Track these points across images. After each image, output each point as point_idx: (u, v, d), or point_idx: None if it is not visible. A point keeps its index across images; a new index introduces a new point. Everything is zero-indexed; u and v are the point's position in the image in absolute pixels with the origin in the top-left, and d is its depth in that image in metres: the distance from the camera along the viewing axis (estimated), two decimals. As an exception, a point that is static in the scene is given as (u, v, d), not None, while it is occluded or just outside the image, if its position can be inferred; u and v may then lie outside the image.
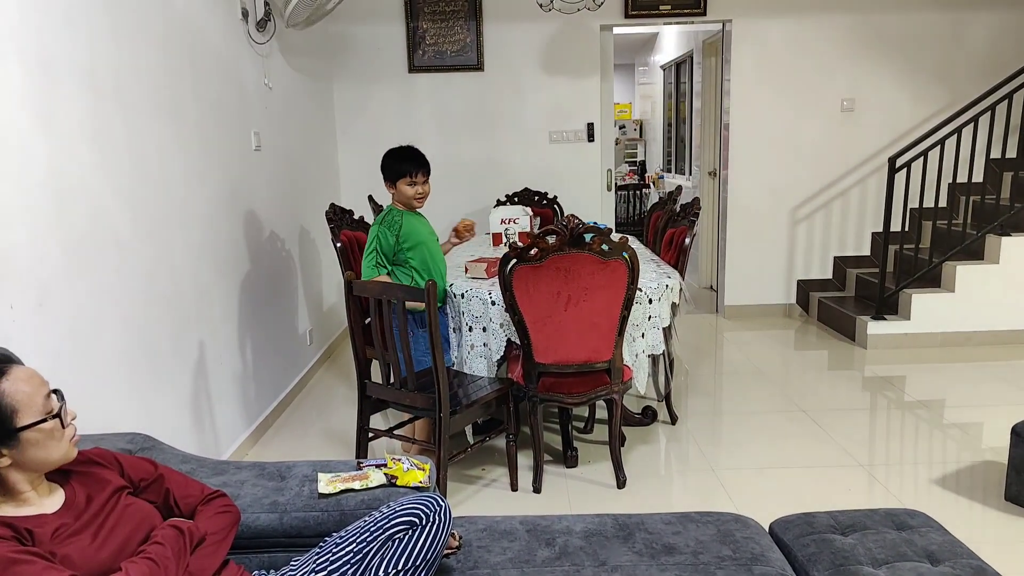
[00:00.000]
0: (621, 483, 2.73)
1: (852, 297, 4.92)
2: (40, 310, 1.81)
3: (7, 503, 1.11)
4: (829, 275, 5.23)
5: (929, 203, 4.57)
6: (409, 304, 2.46)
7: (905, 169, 4.28)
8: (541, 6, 3.96)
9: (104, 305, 2.10)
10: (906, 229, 4.71)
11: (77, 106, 2.00)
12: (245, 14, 3.30)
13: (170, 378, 2.48)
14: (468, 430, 3.21)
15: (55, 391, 1.18)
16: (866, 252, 5.17)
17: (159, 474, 1.34)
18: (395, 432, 2.78)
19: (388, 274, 2.78)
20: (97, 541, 1.13)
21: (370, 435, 2.72)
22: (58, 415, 1.14)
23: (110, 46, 2.18)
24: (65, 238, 1.92)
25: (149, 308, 2.36)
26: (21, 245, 1.75)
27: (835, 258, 5.20)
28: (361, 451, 2.71)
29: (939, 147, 4.24)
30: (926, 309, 4.31)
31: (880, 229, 4.48)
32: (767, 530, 1.65)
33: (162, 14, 2.53)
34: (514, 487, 2.72)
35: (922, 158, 4.23)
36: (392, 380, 2.59)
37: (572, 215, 2.63)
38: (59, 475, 1.20)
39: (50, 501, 1.16)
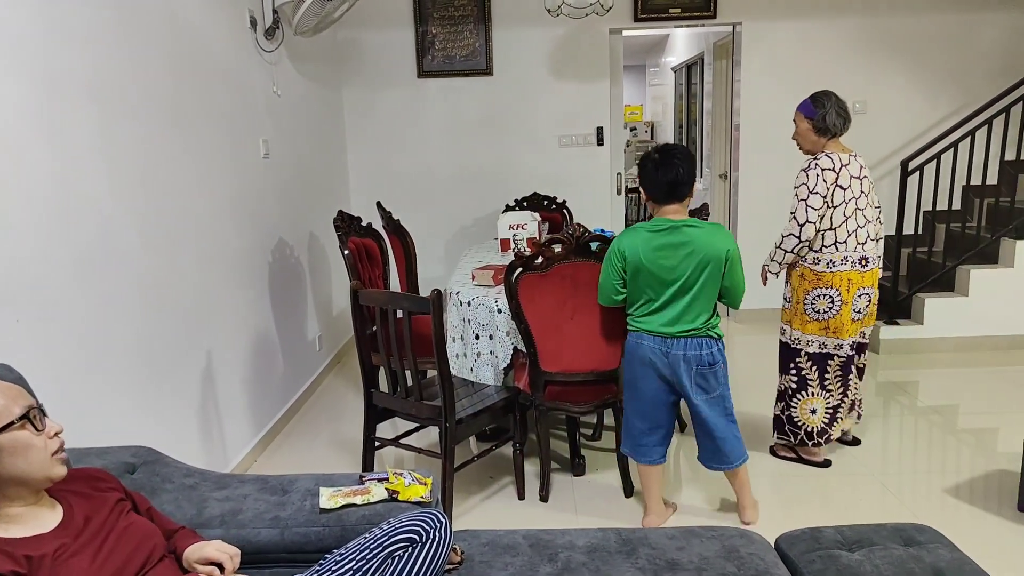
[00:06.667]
0: (628, 491, 2.71)
1: (865, 301, 4.86)
2: (48, 323, 1.82)
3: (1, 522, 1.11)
4: (841, 279, 5.16)
5: (943, 206, 4.51)
6: None
7: (918, 172, 4.23)
8: (549, 11, 3.95)
9: (112, 316, 2.11)
10: (919, 232, 4.65)
11: (84, 119, 2.02)
12: (253, 23, 3.32)
13: (178, 388, 2.50)
14: (472, 438, 3.21)
15: (37, 407, 1.17)
16: (879, 255, 5.11)
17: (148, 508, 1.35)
18: (401, 441, 2.78)
19: None
20: (97, 562, 1.13)
21: (376, 444, 2.72)
22: (26, 416, 1.13)
23: (117, 58, 2.20)
24: (73, 250, 1.94)
25: (157, 318, 2.37)
26: (28, 259, 1.77)
27: (847, 261, 5.14)
28: (368, 460, 2.71)
29: (952, 149, 4.19)
30: (940, 313, 4.26)
31: (893, 233, 4.44)
32: (773, 545, 1.63)
33: (169, 25, 2.55)
34: (521, 496, 2.71)
35: (935, 161, 4.18)
36: (399, 389, 2.59)
37: (579, 223, 2.62)
38: (58, 493, 1.20)
39: (48, 518, 1.16)
